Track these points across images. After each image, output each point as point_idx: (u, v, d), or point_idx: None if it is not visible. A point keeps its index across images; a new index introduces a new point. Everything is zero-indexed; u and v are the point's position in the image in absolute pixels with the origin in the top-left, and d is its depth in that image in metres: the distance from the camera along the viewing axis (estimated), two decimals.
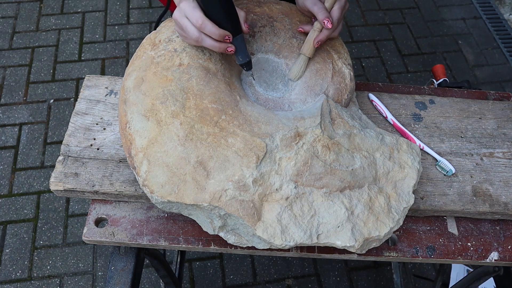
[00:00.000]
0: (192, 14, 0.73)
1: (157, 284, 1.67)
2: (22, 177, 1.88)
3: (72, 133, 0.87)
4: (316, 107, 0.82)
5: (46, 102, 2.11)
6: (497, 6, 2.70)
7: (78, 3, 2.50)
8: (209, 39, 0.74)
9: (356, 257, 0.82)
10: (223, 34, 0.74)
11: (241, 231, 0.74)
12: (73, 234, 1.76)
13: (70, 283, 1.65)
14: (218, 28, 0.73)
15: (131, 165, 0.75)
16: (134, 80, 0.80)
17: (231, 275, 1.70)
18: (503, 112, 0.99)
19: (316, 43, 0.83)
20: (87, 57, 2.28)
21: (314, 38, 0.83)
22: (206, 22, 0.72)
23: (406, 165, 0.81)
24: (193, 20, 0.73)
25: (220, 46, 0.75)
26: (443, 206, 0.84)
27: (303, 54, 0.85)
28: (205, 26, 0.73)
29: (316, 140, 0.76)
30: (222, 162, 0.73)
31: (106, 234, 0.80)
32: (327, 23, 0.80)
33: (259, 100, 0.84)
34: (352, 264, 1.76)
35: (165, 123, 0.75)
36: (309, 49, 0.84)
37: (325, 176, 0.74)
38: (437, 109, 0.98)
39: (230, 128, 0.75)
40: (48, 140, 1.99)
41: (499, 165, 0.91)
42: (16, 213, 1.79)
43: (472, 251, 0.84)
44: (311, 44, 0.84)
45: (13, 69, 2.20)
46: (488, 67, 2.42)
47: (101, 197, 0.83)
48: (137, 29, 2.41)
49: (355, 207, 0.74)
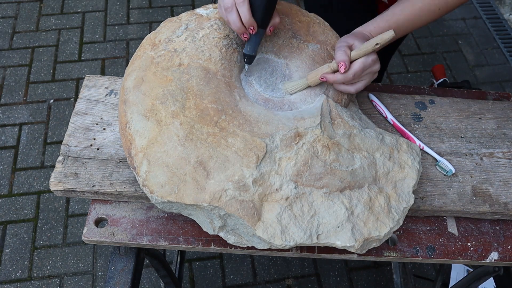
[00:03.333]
0: None
1: (157, 284, 1.67)
2: (22, 177, 1.88)
3: (72, 133, 0.87)
4: (316, 107, 0.82)
5: (46, 102, 2.11)
6: (497, 6, 2.70)
7: (78, 3, 2.50)
8: (236, 16, 0.75)
9: (356, 257, 0.82)
10: (250, 24, 0.76)
11: (241, 231, 0.74)
12: (73, 234, 1.76)
13: (70, 283, 1.65)
14: (250, 16, 0.75)
15: (131, 165, 0.75)
16: (134, 80, 0.80)
17: (231, 275, 1.70)
18: (503, 112, 0.99)
19: (321, 77, 0.81)
20: (87, 57, 2.28)
21: (324, 73, 0.81)
22: (245, 3, 0.74)
23: (406, 165, 0.81)
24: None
25: (240, 28, 0.77)
26: (443, 206, 0.84)
27: (306, 80, 0.84)
28: (242, 5, 0.74)
29: (316, 140, 0.76)
30: (222, 162, 0.73)
31: (106, 234, 0.80)
32: (341, 67, 0.77)
33: (259, 100, 0.84)
34: (352, 264, 1.76)
35: (165, 123, 0.75)
36: (313, 79, 0.83)
37: (325, 176, 0.74)
38: (437, 109, 0.98)
39: (230, 128, 0.75)
40: (48, 140, 1.99)
41: (499, 165, 0.91)
42: (16, 213, 1.79)
43: (472, 251, 0.84)
44: (317, 76, 0.82)
45: (13, 69, 2.20)
46: (488, 67, 2.42)
47: (101, 197, 0.83)
48: (137, 29, 2.41)
49: (355, 207, 0.74)
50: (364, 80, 0.81)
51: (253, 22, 0.76)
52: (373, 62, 0.79)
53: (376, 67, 0.80)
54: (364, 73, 0.79)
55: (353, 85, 0.81)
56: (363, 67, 0.78)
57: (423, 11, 0.83)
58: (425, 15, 0.84)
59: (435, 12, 0.84)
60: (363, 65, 0.77)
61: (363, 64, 0.77)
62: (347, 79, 0.78)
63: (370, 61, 0.78)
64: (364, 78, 0.80)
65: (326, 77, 0.80)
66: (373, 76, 0.81)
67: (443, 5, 0.83)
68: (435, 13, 0.84)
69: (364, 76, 0.80)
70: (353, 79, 0.79)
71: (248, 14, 0.74)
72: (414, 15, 0.84)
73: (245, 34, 0.78)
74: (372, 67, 0.79)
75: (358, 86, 0.81)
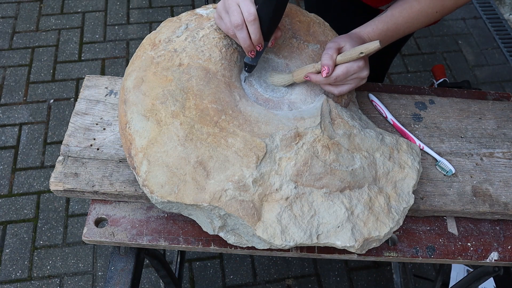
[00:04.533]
0: (247, 5, 0.73)
1: (157, 284, 1.67)
2: (22, 177, 1.88)
3: (72, 133, 0.87)
4: (316, 107, 0.82)
5: (46, 102, 2.11)
6: (497, 6, 2.70)
7: (78, 3, 2.50)
8: (245, 35, 0.75)
9: (356, 257, 0.82)
10: (260, 42, 0.76)
11: (241, 231, 0.74)
12: (73, 234, 1.76)
13: (70, 283, 1.65)
14: (260, 35, 0.75)
15: (131, 165, 0.75)
16: (134, 80, 0.80)
17: (231, 275, 1.70)
18: (503, 112, 0.99)
19: (305, 76, 0.82)
20: (87, 57, 2.28)
21: (308, 72, 0.81)
22: (256, 22, 0.74)
23: (406, 165, 0.81)
24: (244, 11, 0.73)
25: (249, 46, 0.77)
26: (443, 206, 0.84)
27: (292, 75, 0.84)
28: (253, 24, 0.74)
29: (316, 140, 0.76)
30: (222, 162, 0.73)
31: (106, 234, 0.80)
32: (323, 71, 0.78)
33: (259, 100, 0.84)
34: (352, 264, 1.76)
35: (165, 123, 0.75)
36: (299, 77, 0.83)
37: (325, 176, 0.74)
38: (437, 109, 0.98)
39: (230, 128, 0.75)
40: (48, 140, 1.99)
41: (499, 165, 0.91)
42: (16, 213, 1.79)
43: (472, 251, 0.84)
44: (302, 74, 0.82)
45: (13, 69, 2.20)
46: (488, 67, 2.42)
47: (101, 197, 0.83)
48: (137, 29, 2.41)
49: (355, 207, 0.74)
50: (350, 85, 0.81)
51: (262, 41, 0.77)
52: (359, 69, 0.78)
53: (364, 73, 0.79)
54: (350, 78, 0.79)
55: (337, 87, 0.81)
56: (346, 72, 0.78)
57: (421, 13, 0.84)
58: (423, 18, 0.85)
59: (433, 15, 0.85)
60: (347, 70, 0.78)
61: (347, 69, 0.78)
62: (329, 81, 0.79)
63: (356, 67, 0.78)
64: (350, 83, 0.81)
65: (310, 76, 0.81)
66: (360, 81, 0.81)
67: (440, 8, 0.84)
68: (433, 16, 0.85)
69: (350, 81, 0.80)
70: (335, 82, 0.79)
71: (259, 34, 0.75)
72: (412, 18, 0.84)
73: (252, 51, 0.78)
74: (359, 73, 0.79)
75: (341, 89, 0.81)
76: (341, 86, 0.81)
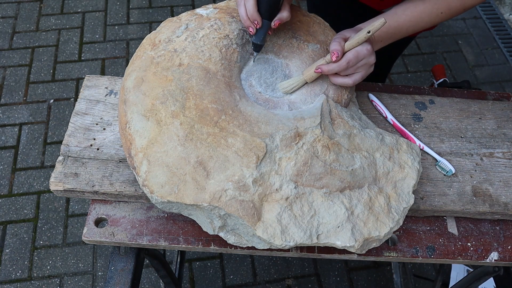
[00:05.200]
0: None
1: (157, 284, 1.67)
2: (22, 177, 1.88)
3: (72, 133, 0.87)
4: (316, 107, 0.82)
5: (46, 102, 2.11)
6: (497, 6, 2.70)
7: (78, 3, 2.50)
8: (243, 10, 0.78)
9: (356, 257, 0.82)
10: (254, 18, 0.78)
11: (241, 231, 0.74)
12: (73, 234, 1.76)
13: (70, 283, 1.65)
14: (254, 10, 0.77)
15: (131, 165, 0.75)
16: (134, 80, 0.80)
17: (231, 275, 1.70)
18: (503, 112, 0.99)
19: (316, 69, 0.81)
20: (87, 57, 2.28)
21: (319, 65, 0.81)
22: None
23: (406, 165, 0.81)
24: None
25: (245, 21, 0.79)
26: (443, 206, 0.84)
27: (303, 76, 0.84)
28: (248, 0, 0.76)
29: (316, 140, 0.76)
30: (222, 162, 0.72)
31: (106, 234, 0.80)
32: (333, 55, 0.77)
33: (259, 100, 0.84)
34: (352, 264, 1.76)
35: (165, 123, 0.75)
36: (309, 73, 0.83)
37: (325, 176, 0.74)
38: (437, 109, 0.98)
39: (230, 128, 0.75)
40: (48, 140, 1.99)
41: (499, 165, 0.91)
42: (16, 213, 1.79)
43: (472, 251, 0.84)
44: (312, 69, 0.82)
45: (13, 69, 2.20)
46: (488, 67, 2.42)
47: (101, 197, 0.83)
48: (137, 29, 2.41)
49: (355, 207, 0.74)
50: (361, 72, 0.80)
51: (257, 17, 0.77)
52: (368, 52, 0.78)
53: (371, 58, 0.79)
54: (360, 63, 0.78)
55: (350, 77, 0.80)
56: (357, 55, 0.77)
57: (425, 13, 0.83)
58: (427, 18, 0.84)
59: (437, 16, 0.84)
60: (357, 53, 0.77)
61: (357, 52, 0.77)
62: (341, 67, 0.78)
63: (364, 50, 0.77)
64: (360, 70, 0.80)
65: (321, 68, 0.80)
66: (369, 68, 0.80)
67: (446, 9, 0.83)
68: (438, 17, 0.84)
69: (360, 68, 0.79)
70: (347, 67, 0.78)
71: (252, 9, 0.76)
72: (416, 17, 0.83)
73: (250, 28, 0.79)
74: (368, 58, 0.78)
75: (355, 78, 0.80)
76: (354, 75, 0.80)
